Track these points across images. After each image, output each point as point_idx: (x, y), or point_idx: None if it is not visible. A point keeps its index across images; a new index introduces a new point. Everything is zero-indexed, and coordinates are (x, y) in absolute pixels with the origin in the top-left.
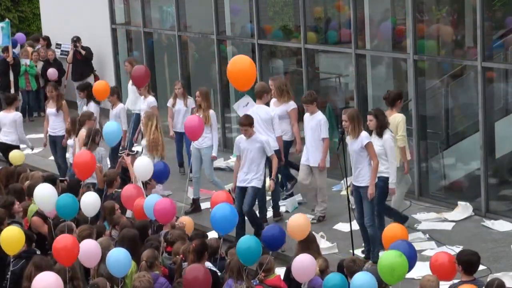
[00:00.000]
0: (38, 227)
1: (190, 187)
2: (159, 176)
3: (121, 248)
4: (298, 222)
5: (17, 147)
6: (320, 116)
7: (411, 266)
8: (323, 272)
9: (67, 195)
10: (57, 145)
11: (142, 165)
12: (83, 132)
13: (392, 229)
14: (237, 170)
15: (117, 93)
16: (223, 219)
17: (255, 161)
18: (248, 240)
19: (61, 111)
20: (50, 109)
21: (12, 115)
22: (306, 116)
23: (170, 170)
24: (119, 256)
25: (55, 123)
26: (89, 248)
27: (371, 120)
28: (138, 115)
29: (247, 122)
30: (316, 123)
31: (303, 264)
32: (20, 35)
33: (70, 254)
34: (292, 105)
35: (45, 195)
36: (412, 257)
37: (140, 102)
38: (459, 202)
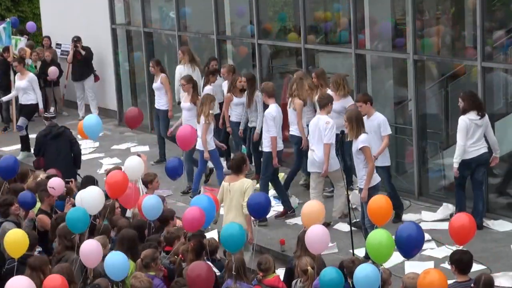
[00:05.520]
0: (45, 225)
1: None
2: (173, 172)
3: (119, 252)
4: (312, 209)
5: None
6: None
7: (417, 249)
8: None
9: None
10: (160, 118)
11: (132, 165)
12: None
13: (377, 201)
14: None
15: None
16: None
17: None
18: (231, 227)
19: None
20: (154, 84)
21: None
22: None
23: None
24: (117, 260)
25: (158, 97)
26: (90, 248)
27: (460, 103)
28: None
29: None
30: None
31: (318, 234)
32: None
33: None
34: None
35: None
36: (419, 240)
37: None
38: (444, 204)
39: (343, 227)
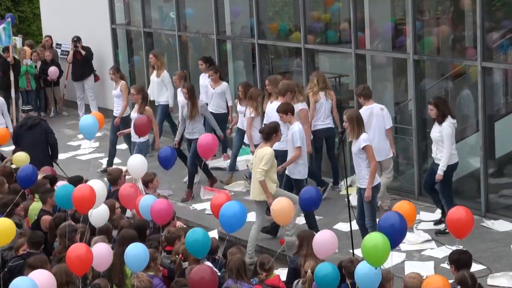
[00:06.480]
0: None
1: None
2: (166, 162)
3: (140, 244)
4: (281, 206)
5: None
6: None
7: (399, 238)
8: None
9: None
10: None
11: (135, 163)
12: None
13: (401, 207)
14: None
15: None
16: (233, 217)
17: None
18: (195, 233)
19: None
20: (114, 91)
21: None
22: None
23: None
24: (139, 251)
25: (117, 104)
26: (101, 253)
27: (431, 110)
28: (164, 106)
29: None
30: None
31: (325, 239)
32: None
33: (84, 264)
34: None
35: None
36: (402, 229)
37: (165, 94)
38: None
39: (343, 227)
